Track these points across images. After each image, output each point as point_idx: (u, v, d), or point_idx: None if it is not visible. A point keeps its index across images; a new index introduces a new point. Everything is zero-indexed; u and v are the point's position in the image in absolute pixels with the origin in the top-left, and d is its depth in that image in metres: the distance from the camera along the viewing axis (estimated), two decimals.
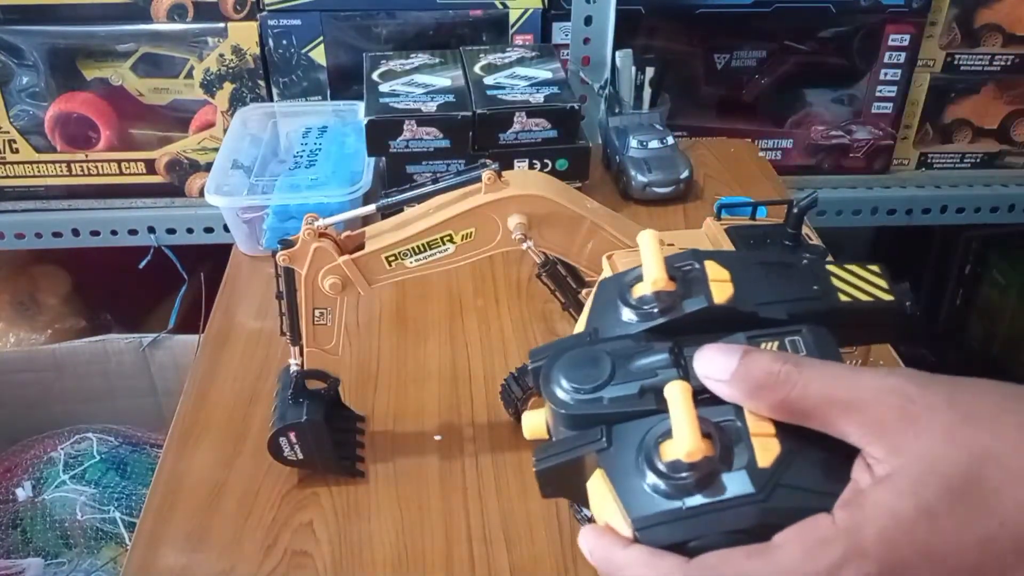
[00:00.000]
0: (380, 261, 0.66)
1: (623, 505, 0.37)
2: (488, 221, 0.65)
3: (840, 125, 1.36)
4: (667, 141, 1.13)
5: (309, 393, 0.70)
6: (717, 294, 0.41)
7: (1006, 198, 1.39)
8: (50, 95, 1.26)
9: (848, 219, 1.39)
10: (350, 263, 0.65)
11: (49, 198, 1.31)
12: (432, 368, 0.85)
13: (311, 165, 1.07)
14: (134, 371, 1.39)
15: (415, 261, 0.66)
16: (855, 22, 1.30)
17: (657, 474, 0.36)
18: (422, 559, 0.67)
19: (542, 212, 0.65)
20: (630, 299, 0.43)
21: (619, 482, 0.38)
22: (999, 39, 1.32)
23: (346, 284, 0.66)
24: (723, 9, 1.28)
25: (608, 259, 0.63)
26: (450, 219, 0.65)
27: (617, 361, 0.40)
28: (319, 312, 0.68)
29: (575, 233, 0.67)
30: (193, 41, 1.23)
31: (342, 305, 0.67)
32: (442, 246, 0.66)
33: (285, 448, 0.70)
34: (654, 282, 0.42)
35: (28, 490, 1.22)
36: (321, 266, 0.65)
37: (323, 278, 0.66)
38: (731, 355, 0.38)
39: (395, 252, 0.66)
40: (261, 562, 0.67)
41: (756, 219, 0.72)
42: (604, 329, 0.43)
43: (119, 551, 1.18)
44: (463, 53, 1.14)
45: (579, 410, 0.40)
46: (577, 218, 0.66)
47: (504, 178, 0.65)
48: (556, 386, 0.41)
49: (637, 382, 0.39)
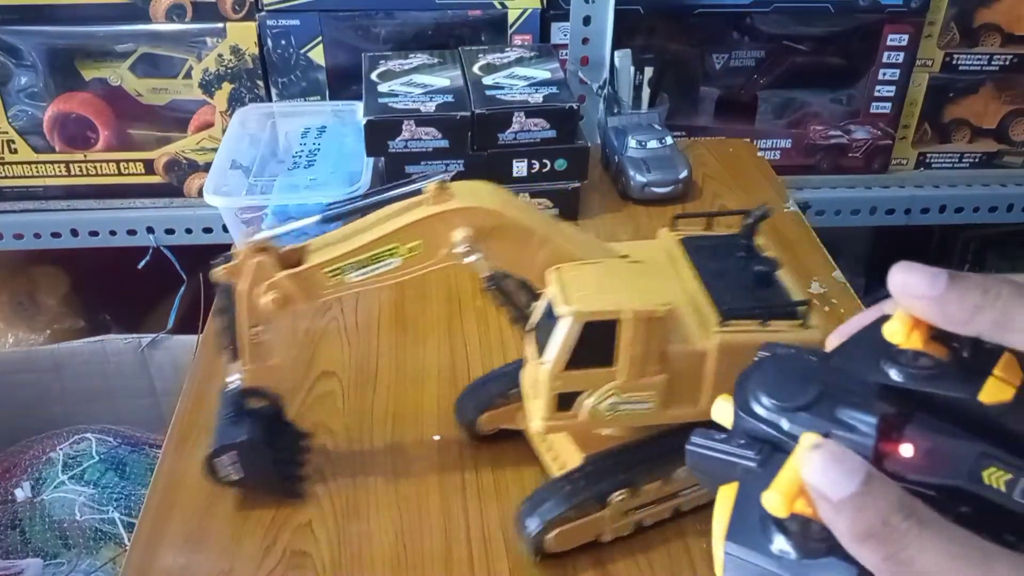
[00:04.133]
0: (322, 276, 0.63)
1: (728, 528, 0.36)
2: (434, 234, 0.63)
3: (839, 125, 1.36)
4: (666, 141, 1.13)
5: (249, 411, 0.68)
6: (990, 391, 0.35)
7: (1005, 198, 1.39)
8: (49, 95, 1.26)
9: (847, 219, 1.39)
10: (290, 278, 0.63)
11: (48, 198, 1.31)
12: (431, 368, 0.85)
13: (310, 165, 1.07)
14: (133, 371, 1.39)
15: (359, 275, 0.63)
16: (854, 22, 1.30)
17: (774, 518, 0.34)
18: (421, 559, 0.67)
19: (489, 225, 0.63)
20: (894, 344, 0.36)
21: (740, 506, 0.36)
22: (998, 39, 1.32)
23: (286, 300, 0.63)
24: (722, 9, 1.28)
25: (554, 273, 0.61)
26: (395, 231, 0.62)
27: (826, 395, 0.36)
28: (257, 329, 0.65)
29: (525, 246, 0.64)
30: (192, 41, 1.23)
31: (290, 320, 0.65)
32: (387, 260, 0.63)
33: (222, 468, 0.68)
34: (922, 342, 0.36)
35: (27, 490, 1.22)
36: (260, 281, 0.63)
37: (262, 294, 0.63)
38: (854, 475, 0.31)
39: (338, 266, 0.63)
40: (260, 562, 0.67)
41: (711, 230, 0.71)
42: (850, 358, 0.38)
43: (118, 551, 1.18)
44: (462, 53, 1.14)
45: (750, 420, 0.37)
46: (526, 230, 0.64)
47: (450, 189, 0.63)
48: (751, 383, 0.37)
49: (827, 427, 0.35)
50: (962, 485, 0.33)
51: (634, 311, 0.58)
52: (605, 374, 0.60)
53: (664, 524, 0.69)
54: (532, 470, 0.74)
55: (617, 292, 0.60)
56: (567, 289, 0.60)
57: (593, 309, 0.58)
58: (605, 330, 0.58)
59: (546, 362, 0.59)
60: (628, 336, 0.58)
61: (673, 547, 0.68)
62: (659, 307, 0.58)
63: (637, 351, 0.59)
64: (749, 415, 0.37)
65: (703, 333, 0.61)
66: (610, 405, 0.61)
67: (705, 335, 0.61)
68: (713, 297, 0.63)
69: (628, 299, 0.59)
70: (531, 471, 0.74)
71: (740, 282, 0.64)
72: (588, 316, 0.58)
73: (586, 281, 0.61)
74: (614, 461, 0.66)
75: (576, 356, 0.59)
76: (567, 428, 0.66)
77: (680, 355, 0.61)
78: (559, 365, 0.59)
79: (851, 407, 0.35)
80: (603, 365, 0.60)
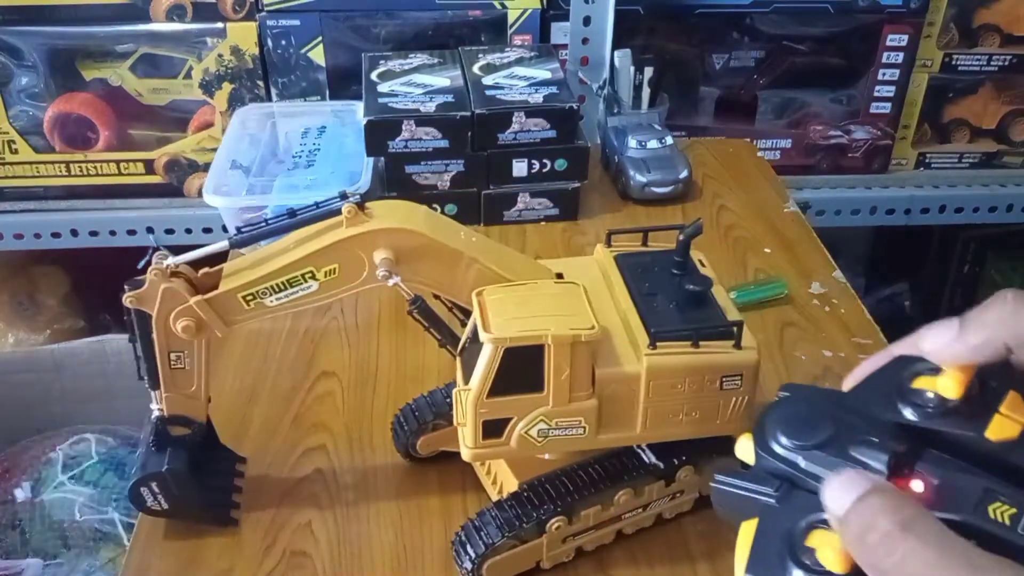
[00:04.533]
0: (237, 301, 0.61)
1: (748, 562, 0.37)
2: (352, 256, 0.61)
3: (838, 125, 1.36)
4: (666, 141, 1.13)
5: (173, 440, 0.66)
6: (996, 428, 0.36)
7: (1004, 198, 1.40)
8: (49, 96, 1.27)
9: (846, 219, 1.39)
10: (203, 303, 0.60)
11: (48, 198, 1.31)
12: (431, 368, 0.85)
13: (310, 165, 1.07)
14: (133, 371, 1.38)
15: (276, 300, 0.61)
16: (853, 22, 1.30)
17: (790, 553, 0.35)
18: (421, 559, 0.67)
19: (410, 246, 0.61)
20: (906, 384, 0.39)
21: (759, 540, 0.37)
22: (997, 39, 1.32)
23: (201, 326, 0.61)
24: (722, 9, 1.28)
25: (477, 296, 0.59)
26: (309, 255, 0.60)
27: (840, 434, 0.37)
28: (175, 355, 0.63)
29: (452, 267, 0.62)
30: (192, 41, 1.23)
31: (202, 348, 0.62)
32: (304, 283, 0.61)
33: (148, 498, 0.66)
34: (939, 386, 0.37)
35: (27, 491, 1.22)
36: (172, 307, 0.60)
37: (175, 320, 0.61)
38: (853, 489, 0.33)
39: (253, 291, 0.61)
40: (260, 562, 0.67)
41: (647, 246, 0.68)
42: (866, 398, 0.40)
43: (117, 552, 1.18)
44: (462, 53, 1.14)
45: (767, 458, 0.38)
46: (450, 251, 0.62)
47: (368, 210, 0.61)
48: (769, 422, 0.39)
49: (841, 464, 0.36)
50: (968, 520, 0.34)
51: (558, 336, 0.56)
52: (533, 400, 0.58)
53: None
54: None
55: (542, 316, 0.57)
56: (489, 314, 0.58)
57: (514, 335, 0.56)
58: (530, 355, 0.56)
59: (470, 389, 0.57)
60: (554, 361, 0.56)
61: (673, 547, 0.68)
62: (583, 331, 0.56)
63: (564, 376, 0.57)
64: (768, 453, 0.38)
65: (633, 355, 0.59)
66: (540, 431, 0.59)
67: (635, 358, 0.59)
68: (644, 318, 0.61)
69: (552, 323, 0.56)
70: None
71: (672, 301, 0.62)
72: (509, 342, 0.56)
73: (509, 305, 0.58)
74: (551, 487, 0.63)
75: (500, 382, 0.57)
76: (497, 456, 0.64)
77: (610, 379, 0.59)
78: (483, 392, 0.57)
79: (864, 445, 0.37)
80: (530, 391, 0.57)
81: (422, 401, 0.72)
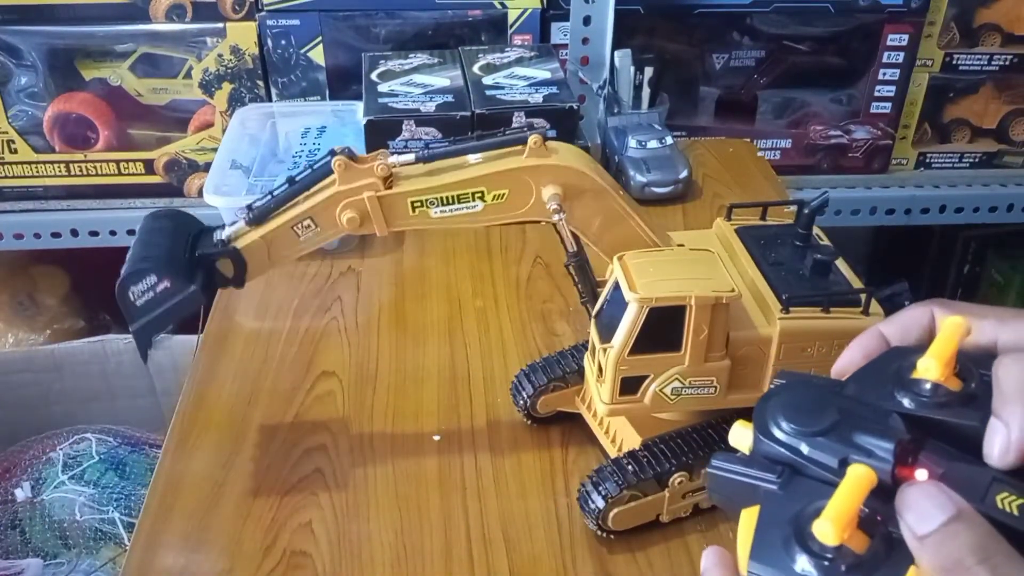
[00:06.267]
0: (405, 205, 0.64)
1: (752, 548, 0.36)
2: (523, 185, 0.64)
3: (839, 125, 1.36)
4: (666, 141, 1.13)
5: (207, 265, 0.65)
6: None
7: (1005, 198, 1.39)
8: (49, 95, 1.26)
9: (847, 219, 1.39)
10: (374, 200, 0.63)
11: (48, 198, 1.31)
12: (431, 368, 0.85)
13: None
14: (133, 371, 1.39)
15: (440, 212, 0.64)
16: (854, 22, 1.30)
17: (797, 538, 0.35)
18: (421, 559, 0.67)
19: (579, 188, 0.64)
20: (905, 374, 0.39)
21: (763, 526, 0.37)
22: (998, 39, 1.32)
23: (364, 221, 0.63)
24: (722, 9, 1.28)
25: (619, 259, 0.63)
26: (486, 175, 0.63)
27: (843, 421, 0.37)
28: (308, 223, 0.64)
29: (604, 216, 0.66)
30: (192, 41, 1.23)
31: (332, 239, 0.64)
32: (471, 202, 0.64)
33: (140, 285, 0.65)
34: (938, 375, 0.38)
35: (27, 491, 1.22)
36: (351, 193, 0.62)
37: (342, 210, 0.63)
38: (939, 510, 0.32)
39: (422, 199, 0.63)
40: (260, 562, 0.67)
41: (766, 220, 0.73)
42: (863, 387, 0.40)
43: (118, 552, 1.18)
44: (462, 53, 1.14)
45: (770, 444, 0.38)
46: (611, 201, 0.66)
47: (550, 146, 0.64)
48: (770, 409, 0.39)
49: (846, 452, 0.36)
50: (979, 510, 0.33)
51: (700, 297, 0.59)
52: (669, 359, 0.62)
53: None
54: (532, 471, 0.74)
55: (681, 279, 0.61)
56: (632, 276, 0.61)
57: (659, 295, 0.59)
58: (670, 316, 0.60)
59: (612, 347, 0.61)
60: (694, 322, 0.60)
61: (673, 547, 0.68)
62: (725, 293, 0.60)
63: (702, 336, 0.61)
64: (769, 439, 0.38)
65: (766, 320, 0.63)
66: (673, 389, 0.63)
67: (768, 322, 0.63)
68: (773, 285, 0.65)
69: (693, 286, 0.60)
70: (531, 472, 0.74)
71: (798, 271, 0.66)
72: (654, 302, 0.59)
73: (651, 268, 0.62)
74: (673, 444, 0.67)
75: (641, 341, 0.60)
76: (631, 412, 0.67)
77: (743, 341, 0.63)
78: (624, 350, 0.61)
79: (868, 433, 0.37)
80: (668, 350, 0.61)
81: (541, 364, 0.75)
